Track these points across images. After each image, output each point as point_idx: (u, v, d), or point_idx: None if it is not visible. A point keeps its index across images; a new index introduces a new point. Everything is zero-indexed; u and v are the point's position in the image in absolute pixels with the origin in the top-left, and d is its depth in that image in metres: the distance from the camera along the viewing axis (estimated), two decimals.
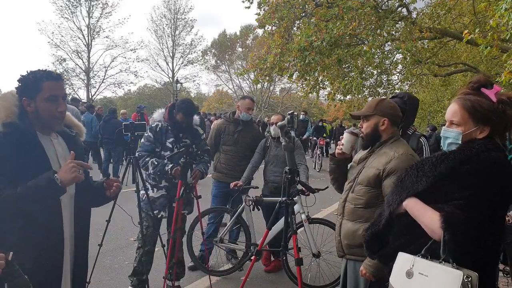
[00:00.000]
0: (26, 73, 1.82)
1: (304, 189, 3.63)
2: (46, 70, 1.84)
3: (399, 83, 13.43)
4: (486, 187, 1.51)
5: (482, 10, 8.62)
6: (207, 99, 43.86)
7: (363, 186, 2.25)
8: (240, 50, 41.52)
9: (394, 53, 10.79)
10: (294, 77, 10.71)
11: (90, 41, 30.20)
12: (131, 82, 36.87)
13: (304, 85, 11.76)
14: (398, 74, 13.54)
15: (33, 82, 1.78)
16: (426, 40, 11.15)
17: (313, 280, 3.92)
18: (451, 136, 1.67)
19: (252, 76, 18.81)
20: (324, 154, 14.43)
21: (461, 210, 1.49)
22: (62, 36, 28.96)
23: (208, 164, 3.82)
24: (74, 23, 29.45)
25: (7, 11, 48.97)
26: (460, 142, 1.65)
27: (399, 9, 10.39)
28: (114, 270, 4.25)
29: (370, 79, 12.12)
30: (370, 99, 7.56)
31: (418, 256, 1.57)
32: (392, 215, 1.72)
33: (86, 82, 30.04)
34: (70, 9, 28.97)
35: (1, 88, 29.13)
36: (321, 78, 11.32)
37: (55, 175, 1.67)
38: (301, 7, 10.03)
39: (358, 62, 10.74)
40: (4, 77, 51.54)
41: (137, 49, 38.14)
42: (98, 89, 31.25)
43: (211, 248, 4.33)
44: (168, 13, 35.40)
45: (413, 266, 1.56)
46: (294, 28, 10.54)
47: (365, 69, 11.09)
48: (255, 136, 4.55)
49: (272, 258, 4.39)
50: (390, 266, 1.66)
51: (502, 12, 5.32)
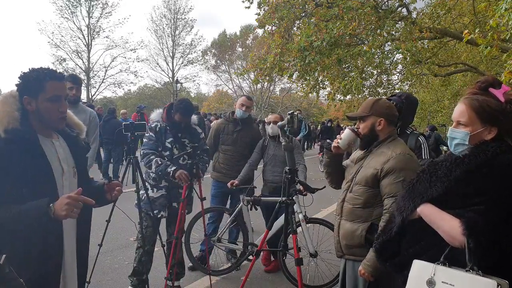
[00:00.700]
0: (28, 70, 1.75)
1: (301, 188, 3.61)
2: (49, 69, 1.78)
3: (399, 83, 13.44)
4: (502, 190, 1.47)
5: (482, 10, 8.62)
6: (207, 99, 43.81)
7: (361, 186, 2.25)
8: (240, 50, 41.52)
9: (394, 53, 10.76)
10: (294, 77, 10.70)
11: (90, 41, 30.19)
12: (131, 82, 37.11)
13: (304, 85, 11.75)
14: (398, 74, 13.57)
15: (35, 81, 1.72)
16: (426, 40, 11.16)
17: (312, 280, 3.92)
18: (458, 136, 1.62)
19: (252, 76, 18.78)
20: None
21: (482, 215, 1.45)
22: (62, 36, 28.98)
23: (206, 164, 3.82)
24: (74, 23, 29.47)
25: (7, 11, 49.00)
26: (467, 143, 1.60)
27: (399, 9, 10.40)
28: (114, 270, 4.25)
29: (370, 79, 12.13)
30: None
31: (438, 263, 1.49)
32: (404, 222, 1.66)
33: (86, 82, 29.99)
34: (70, 9, 28.96)
35: (1, 88, 29.14)
36: (321, 78, 11.31)
37: (51, 205, 1.56)
38: (301, 7, 10.02)
39: (358, 62, 10.75)
40: (4, 77, 51.62)
41: (137, 49, 38.27)
42: (98, 89, 31.30)
43: (211, 248, 4.32)
44: (168, 13, 35.39)
45: (434, 274, 1.48)
46: (294, 28, 10.54)
47: (365, 69, 11.10)
48: (255, 135, 4.54)
49: (272, 258, 4.40)
50: (405, 275, 1.59)
51: (502, 12, 5.33)
